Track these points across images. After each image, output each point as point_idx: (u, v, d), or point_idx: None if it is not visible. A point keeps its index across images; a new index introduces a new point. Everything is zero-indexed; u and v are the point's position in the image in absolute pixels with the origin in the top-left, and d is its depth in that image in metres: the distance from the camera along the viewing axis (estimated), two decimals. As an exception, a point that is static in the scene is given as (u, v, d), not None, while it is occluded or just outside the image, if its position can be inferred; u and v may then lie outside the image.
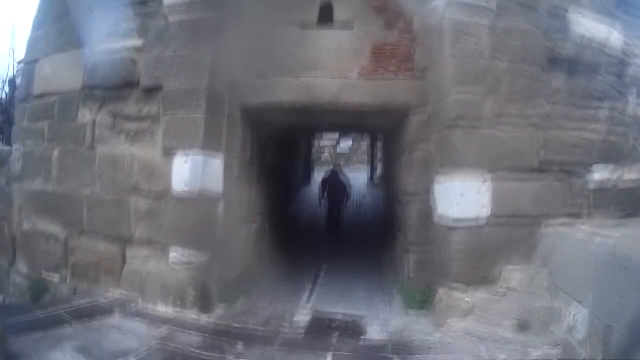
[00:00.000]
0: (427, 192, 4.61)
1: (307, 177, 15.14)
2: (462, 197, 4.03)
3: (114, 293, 4.57)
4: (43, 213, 5.35)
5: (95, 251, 4.90)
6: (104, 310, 4.11)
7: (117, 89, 4.91)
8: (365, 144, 20.02)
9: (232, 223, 4.92)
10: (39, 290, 5.12)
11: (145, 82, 4.74)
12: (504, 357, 3.21)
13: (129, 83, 4.83)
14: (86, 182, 5.03)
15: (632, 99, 4.91)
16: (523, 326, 3.58)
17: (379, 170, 15.53)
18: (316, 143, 19.68)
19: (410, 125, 4.92)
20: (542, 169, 4.21)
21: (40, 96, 5.63)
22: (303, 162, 14.98)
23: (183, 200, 4.40)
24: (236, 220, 5.10)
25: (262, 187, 6.23)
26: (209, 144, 4.48)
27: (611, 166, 4.47)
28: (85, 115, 5.17)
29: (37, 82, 5.72)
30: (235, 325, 4.06)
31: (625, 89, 4.88)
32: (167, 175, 4.48)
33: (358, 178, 15.21)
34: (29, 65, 5.97)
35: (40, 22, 5.95)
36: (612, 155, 4.50)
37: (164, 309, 4.23)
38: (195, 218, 4.39)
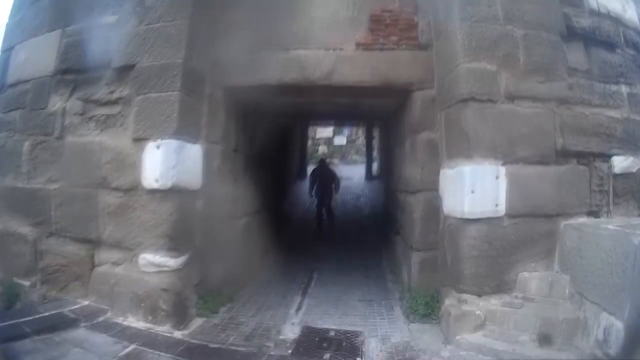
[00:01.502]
0: (433, 186, 4.11)
1: (302, 171, 14.52)
2: (474, 190, 3.49)
3: (82, 302, 4.06)
4: (13, 212, 4.81)
5: (64, 254, 4.37)
6: (69, 322, 3.63)
7: (88, 70, 4.44)
8: (361, 140, 19.71)
9: (213, 221, 4.40)
10: (10, 296, 4.52)
11: (117, 60, 4.28)
12: (524, 380, 2.75)
13: (101, 63, 4.34)
14: (54, 176, 4.54)
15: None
16: (543, 341, 3.13)
17: (376, 165, 15.12)
18: (311, 136, 19.24)
19: (414, 105, 4.41)
20: (563, 155, 3.71)
21: (14, 84, 5.15)
22: (298, 154, 14.41)
23: (155, 195, 3.88)
24: (219, 218, 4.56)
25: (249, 180, 5.67)
26: (186, 128, 3.98)
27: (631, 158, 4.03)
28: (56, 102, 4.68)
29: (11, 70, 5.25)
30: (213, 343, 3.53)
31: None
32: (137, 166, 3.97)
33: (353, 176, 14.74)
34: (5, 53, 5.49)
35: (17, 7, 5.47)
36: (631, 146, 4.05)
37: (134, 322, 3.73)
38: (168, 216, 3.85)
